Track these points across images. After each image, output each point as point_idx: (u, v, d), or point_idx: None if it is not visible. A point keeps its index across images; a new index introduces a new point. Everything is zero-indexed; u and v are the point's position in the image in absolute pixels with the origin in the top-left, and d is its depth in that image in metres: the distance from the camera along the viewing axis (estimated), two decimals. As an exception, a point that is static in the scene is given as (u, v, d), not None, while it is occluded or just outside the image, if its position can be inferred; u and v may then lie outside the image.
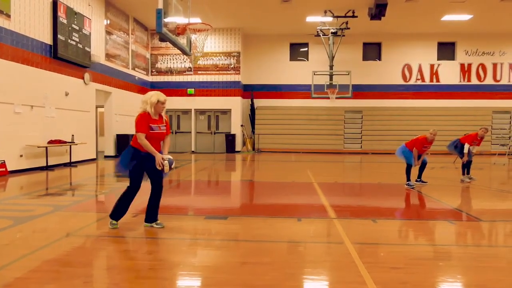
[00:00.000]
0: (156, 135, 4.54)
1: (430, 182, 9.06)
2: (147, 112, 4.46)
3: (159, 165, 4.48)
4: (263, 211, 6.15)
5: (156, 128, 4.53)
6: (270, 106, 20.82)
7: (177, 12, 7.54)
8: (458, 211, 6.19)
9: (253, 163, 15.69)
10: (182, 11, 7.85)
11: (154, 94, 4.51)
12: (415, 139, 8.73)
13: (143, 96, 4.59)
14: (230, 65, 19.69)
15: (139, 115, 4.48)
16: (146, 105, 4.47)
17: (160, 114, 4.61)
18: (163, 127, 4.61)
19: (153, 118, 4.51)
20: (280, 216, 5.58)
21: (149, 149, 4.45)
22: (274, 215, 5.65)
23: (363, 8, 15.92)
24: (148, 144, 4.43)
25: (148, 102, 4.46)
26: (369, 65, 20.62)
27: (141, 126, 4.43)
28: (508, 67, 20.05)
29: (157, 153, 4.50)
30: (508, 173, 12.22)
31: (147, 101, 4.47)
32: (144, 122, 4.43)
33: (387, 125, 19.99)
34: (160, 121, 4.59)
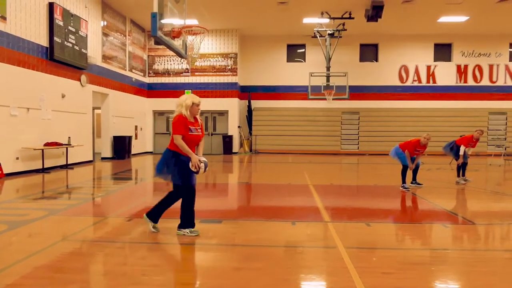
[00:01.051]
0: (193, 138, 4.54)
1: (426, 184, 9.09)
2: (183, 115, 4.46)
3: (195, 167, 4.45)
4: (258, 214, 6.17)
5: (194, 130, 4.54)
6: (267, 107, 20.84)
7: (172, 15, 7.55)
8: (452, 214, 6.21)
9: (250, 164, 15.71)
10: (178, 14, 7.86)
11: (189, 97, 4.52)
12: (408, 142, 8.77)
13: (178, 99, 4.59)
14: (227, 66, 19.71)
15: (176, 116, 4.48)
16: (181, 108, 4.47)
17: (196, 117, 4.62)
18: (199, 129, 4.64)
19: (190, 121, 4.52)
20: (274, 220, 5.60)
21: (186, 150, 4.43)
22: (268, 219, 5.67)
23: (359, 10, 15.96)
24: (185, 145, 4.42)
25: (183, 105, 4.47)
26: (366, 66, 20.66)
27: (179, 127, 4.42)
28: (504, 68, 20.13)
29: (194, 154, 4.48)
30: (503, 174, 12.27)
31: (182, 104, 4.48)
32: (182, 124, 4.43)
33: (384, 126, 20.04)
34: (196, 124, 4.61)
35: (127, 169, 12.79)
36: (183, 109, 4.45)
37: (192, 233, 4.63)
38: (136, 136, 18.22)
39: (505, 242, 4.74)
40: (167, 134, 20.22)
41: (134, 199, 7.45)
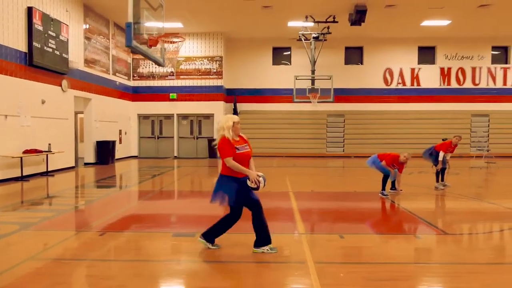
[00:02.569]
0: (243, 156, 4.50)
1: (406, 190, 9.15)
2: (226, 137, 4.43)
3: (255, 183, 4.43)
4: (233, 226, 6.15)
5: (241, 148, 4.51)
6: (253, 110, 20.84)
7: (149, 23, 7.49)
8: (426, 223, 6.25)
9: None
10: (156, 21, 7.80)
11: (228, 118, 4.51)
12: (387, 154, 8.77)
13: (218, 124, 4.59)
14: (213, 69, 19.65)
15: (220, 140, 4.47)
16: (223, 131, 4.45)
17: (240, 135, 4.59)
18: (246, 146, 4.60)
19: (235, 140, 4.50)
20: (247, 232, 5.57)
21: (241, 169, 4.40)
22: (240, 231, 5.64)
23: (343, 14, 16.04)
24: (238, 165, 4.38)
25: (224, 128, 4.44)
26: (351, 69, 20.78)
27: (226, 149, 4.39)
28: (487, 71, 20.41)
29: (250, 171, 4.47)
30: (483, 178, 12.42)
31: (223, 127, 4.45)
32: (227, 145, 4.40)
33: (369, 128, 20.17)
34: (242, 141, 4.58)
35: (110, 176, 12.68)
36: (226, 131, 4.43)
37: (272, 250, 4.58)
38: (120, 141, 18.07)
39: (475, 254, 4.77)
40: (152, 138, 20.11)
41: (114, 209, 7.37)
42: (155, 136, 20.06)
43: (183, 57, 19.65)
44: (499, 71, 20.43)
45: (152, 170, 14.37)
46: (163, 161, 17.87)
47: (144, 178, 12.52)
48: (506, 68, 20.44)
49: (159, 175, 12.92)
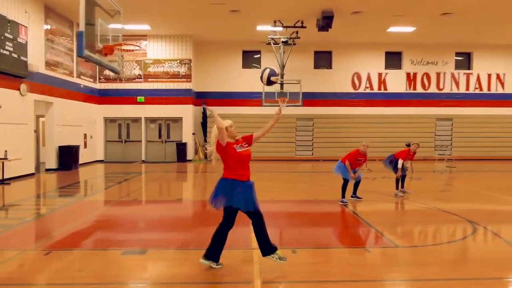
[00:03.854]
0: (243, 156, 4.56)
1: (366, 197, 9.28)
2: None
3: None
4: (185, 241, 6.06)
5: (239, 147, 4.57)
6: (223, 113, 20.37)
7: (105, 31, 7.29)
8: (380, 234, 6.34)
9: (199, 175, 15.58)
10: (112, 29, 7.60)
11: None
12: (348, 154, 8.92)
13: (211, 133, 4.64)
14: (182, 72, 19.43)
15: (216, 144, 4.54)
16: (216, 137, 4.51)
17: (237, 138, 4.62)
18: (245, 145, 4.65)
19: (232, 142, 4.57)
20: (199, 248, 5.49)
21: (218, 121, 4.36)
22: (193, 247, 5.57)
23: (311, 19, 16.14)
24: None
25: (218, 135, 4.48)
26: (320, 73, 20.96)
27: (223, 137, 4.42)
28: (450, 76, 20.99)
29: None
30: (444, 183, 12.72)
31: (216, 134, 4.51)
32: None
33: (338, 132, 20.39)
34: (239, 142, 4.63)
35: (71, 183, 12.31)
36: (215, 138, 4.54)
37: (282, 259, 4.58)
38: (85, 145, 17.61)
39: (422, 269, 4.84)
40: (119, 142, 19.71)
41: (68, 223, 7.14)
42: (122, 140, 19.67)
43: (151, 59, 19.37)
44: (462, 77, 21.05)
45: (117, 176, 14.07)
46: (130, 166, 17.54)
47: (107, 185, 12.24)
48: (469, 74, 21.08)
49: (124, 181, 12.66)
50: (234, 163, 4.53)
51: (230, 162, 4.53)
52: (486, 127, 20.68)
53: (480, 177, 14.35)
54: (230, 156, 4.52)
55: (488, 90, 21.12)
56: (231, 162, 4.53)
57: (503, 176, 14.48)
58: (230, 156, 4.52)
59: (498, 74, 21.07)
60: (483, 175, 14.83)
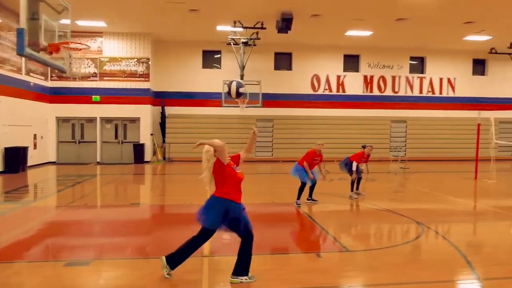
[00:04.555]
0: (241, 178, 4.48)
1: (321, 199, 9.38)
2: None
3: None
4: (136, 250, 5.84)
5: (236, 168, 4.51)
6: (182, 114, 20.39)
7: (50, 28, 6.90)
8: (332, 238, 6.39)
9: (157, 177, 15.23)
10: (58, 26, 7.21)
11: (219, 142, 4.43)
12: (304, 155, 9.02)
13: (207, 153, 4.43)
14: (139, 71, 18.92)
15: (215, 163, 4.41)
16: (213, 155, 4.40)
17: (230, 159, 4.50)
18: (236, 167, 4.55)
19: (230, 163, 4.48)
20: (149, 257, 5.31)
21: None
22: (143, 256, 5.37)
23: (271, 21, 16.17)
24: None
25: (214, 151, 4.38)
26: (281, 74, 21.07)
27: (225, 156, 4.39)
28: (405, 80, 21.72)
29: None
30: (397, 184, 13.09)
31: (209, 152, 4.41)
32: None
33: (297, 133, 20.58)
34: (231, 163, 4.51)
35: (17, 187, 11.64)
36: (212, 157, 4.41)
37: (251, 278, 4.48)
38: (35, 146, 16.76)
39: (371, 274, 4.90)
40: (72, 143, 18.93)
41: (9, 231, 6.69)
42: (75, 141, 18.90)
43: (107, 57, 18.73)
44: (416, 80, 21.85)
45: (69, 179, 13.46)
46: (84, 168, 16.88)
47: (58, 188, 11.68)
48: (422, 78, 21.90)
49: (76, 184, 12.13)
50: (232, 185, 4.42)
51: (228, 183, 4.40)
52: (438, 129, 21.57)
53: (432, 178, 14.91)
54: (229, 177, 4.39)
55: (440, 94, 22.03)
56: (229, 183, 4.40)
57: (452, 177, 15.10)
58: (229, 177, 4.39)
59: (449, 78, 22.03)
60: (434, 176, 15.41)
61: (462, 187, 12.39)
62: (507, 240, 6.54)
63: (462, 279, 4.73)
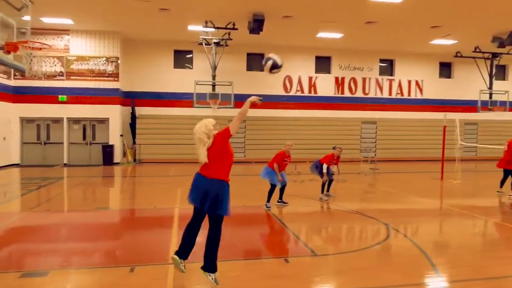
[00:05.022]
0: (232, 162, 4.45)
1: (292, 202, 9.38)
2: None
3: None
4: (100, 259, 5.64)
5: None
6: (153, 114, 20.03)
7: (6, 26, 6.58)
8: (301, 242, 6.37)
9: (127, 180, 14.89)
10: (17, 24, 6.89)
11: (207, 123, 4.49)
12: (274, 156, 9.00)
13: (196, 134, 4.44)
14: (108, 70, 18.44)
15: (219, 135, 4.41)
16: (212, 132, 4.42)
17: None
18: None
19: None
20: (112, 266, 5.13)
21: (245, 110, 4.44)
22: (107, 265, 5.19)
23: (243, 21, 16.09)
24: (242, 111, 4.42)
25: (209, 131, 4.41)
26: (253, 75, 21.02)
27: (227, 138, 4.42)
28: (375, 82, 22.10)
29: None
30: (367, 185, 13.27)
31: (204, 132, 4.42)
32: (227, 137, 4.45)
33: (270, 134, 20.60)
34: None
35: (-25, 191, 11.11)
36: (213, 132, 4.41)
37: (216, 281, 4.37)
38: (-4, 147, 16.07)
39: (338, 279, 4.90)
40: (38, 144, 18.27)
41: None
42: (41, 142, 18.24)
43: (74, 56, 18.18)
44: (386, 82, 22.27)
45: (33, 182, 12.96)
46: (50, 170, 16.30)
47: (20, 192, 11.20)
48: (391, 80, 22.35)
49: (41, 187, 11.67)
50: (230, 165, 4.36)
51: (228, 163, 4.34)
52: (407, 130, 22.07)
53: (400, 178, 15.22)
54: (229, 155, 4.36)
55: (409, 96, 22.54)
56: (229, 163, 4.34)
57: (420, 177, 15.46)
58: (229, 154, 4.36)
59: (417, 81, 22.57)
60: (403, 177, 15.73)
61: (428, 188, 12.69)
62: (471, 241, 6.70)
63: (428, 282, 4.79)
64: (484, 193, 11.63)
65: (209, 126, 4.40)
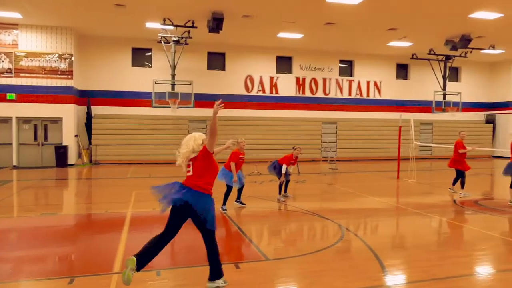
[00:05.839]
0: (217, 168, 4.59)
1: (250, 203, 9.27)
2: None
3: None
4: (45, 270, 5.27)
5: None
6: (110, 114, 19.36)
7: None
8: (254, 247, 6.25)
9: (82, 182, 14.28)
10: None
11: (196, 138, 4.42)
12: (230, 156, 8.88)
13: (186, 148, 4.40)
14: (62, 67, 17.63)
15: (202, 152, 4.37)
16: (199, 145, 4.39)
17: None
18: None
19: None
20: (57, 277, 4.80)
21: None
22: (52, 276, 4.85)
23: (202, 20, 15.82)
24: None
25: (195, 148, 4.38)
26: (214, 74, 20.77)
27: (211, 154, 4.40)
28: (335, 82, 22.41)
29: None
30: (326, 185, 13.37)
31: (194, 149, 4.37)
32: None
33: (231, 134, 20.09)
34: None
35: None
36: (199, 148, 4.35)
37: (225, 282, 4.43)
38: None
39: (287, 284, 4.81)
40: (-17, 145, 17.21)
41: None
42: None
43: (23, 52, 17.26)
44: (345, 83, 22.62)
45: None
46: (-4, 173, 15.39)
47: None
48: (351, 80, 22.73)
49: (-19, 193, 10.93)
50: (214, 176, 4.37)
51: (212, 174, 4.35)
52: (366, 130, 22.51)
53: (358, 178, 15.47)
54: (214, 167, 4.35)
55: (367, 96, 23.01)
56: (212, 174, 4.35)
57: (377, 176, 15.76)
58: (214, 166, 4.35)
59: (376, 81, 23.08)
60: (361, 176, 16.00)
61: (384, 187, 12.95)
62: (422, 240, 6.81)
63: (376, 285, 4.78)
64: (437, 191, 12.00)
65: (198, 141, 4.41)
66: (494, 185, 14.34)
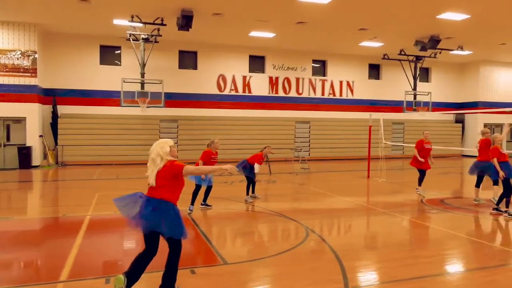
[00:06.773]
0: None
1: (217, 204, 9.06)
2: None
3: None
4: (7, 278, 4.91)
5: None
6: (77, 113, 18.75)
7: None
8: (214, 250, 6.03)
9: (47, 185, 13.73)
10: None
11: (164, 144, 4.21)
12: (201, 155, 8.67)
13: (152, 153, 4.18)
14: (24, 65, 16.93)
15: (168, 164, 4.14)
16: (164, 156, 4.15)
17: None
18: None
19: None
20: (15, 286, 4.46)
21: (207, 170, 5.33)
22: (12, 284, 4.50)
23: (171, 17, 15.49)
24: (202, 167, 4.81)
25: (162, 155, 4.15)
26: (186, 73, 20.42)
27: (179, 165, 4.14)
28: (308, 82, 22.40)
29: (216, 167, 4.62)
30: (297, 185, 13.27)
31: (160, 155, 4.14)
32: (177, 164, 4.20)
33: (204, 134, 20.00)
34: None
35: None
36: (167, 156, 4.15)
37: None
38: None
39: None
40: None
41: None
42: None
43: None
44: (319, 83, 22.65)
45: None
46: (-47, 175, 14.62)
47: None
48: (324, 80, 22.77)
49: None
50: (180, 191, 4.29)
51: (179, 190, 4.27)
52: (338, 130, 22.60)
53: (329, 177, 15.45)
54: (181, 185, 4.26)
55: (340, 96, 23.11)
56: (179, 190, 4.27)
57: (348, 176, 15.79)
58: (181, 184, 4.26)
59: (348, 81, 23.20)
60: (332, 176, 16.00)
61: (354, 186, 12.95)
62: (386, 241, 6.75)
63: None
64: (406, 190, 12.05)
65: (165, 148, 4.19)
66: (464, 183, 14.56)
